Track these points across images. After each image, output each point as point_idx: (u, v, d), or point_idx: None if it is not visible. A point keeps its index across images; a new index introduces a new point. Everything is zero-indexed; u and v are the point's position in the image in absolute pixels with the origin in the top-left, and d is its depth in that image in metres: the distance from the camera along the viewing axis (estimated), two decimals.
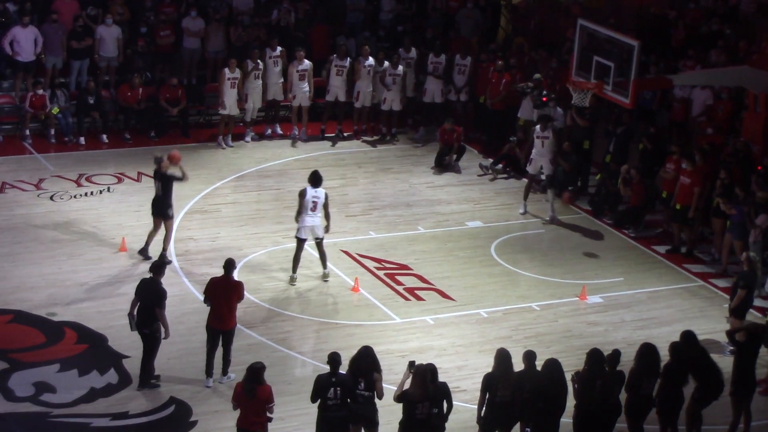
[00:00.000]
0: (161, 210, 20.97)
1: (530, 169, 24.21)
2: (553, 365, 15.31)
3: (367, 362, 14.91)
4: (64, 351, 18.01)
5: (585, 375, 15.35)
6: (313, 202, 20.20)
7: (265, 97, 27.26)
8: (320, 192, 20.25)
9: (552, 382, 15.24)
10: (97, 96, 26.77)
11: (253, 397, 14.58)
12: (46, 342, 18.26)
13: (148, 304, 16.85)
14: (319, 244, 20.55)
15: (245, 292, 18.18)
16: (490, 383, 14.99)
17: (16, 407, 16.47)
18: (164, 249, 21.10)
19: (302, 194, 20.25)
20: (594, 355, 15.41)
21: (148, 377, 17.11)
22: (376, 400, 14.95)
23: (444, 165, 26.36)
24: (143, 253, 21.11)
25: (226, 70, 26.40)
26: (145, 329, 16.90)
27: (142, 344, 17.08)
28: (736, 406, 16.74)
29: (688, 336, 16.20)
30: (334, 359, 14.93)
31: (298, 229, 20.37)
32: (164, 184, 20.90)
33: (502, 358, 15.07)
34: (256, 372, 14.60)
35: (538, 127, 24.11)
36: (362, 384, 14.86)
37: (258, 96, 27.05)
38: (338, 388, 14.79)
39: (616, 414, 15.58)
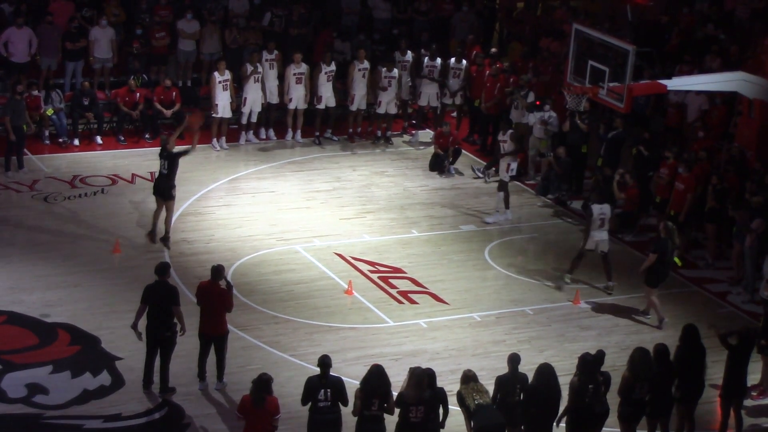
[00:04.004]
0: (164, 191, 21.20)
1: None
2: (546, 370, 15.32)
3: (379, 382, 14.76)
4: (56, 352, 17.99)
5: (577, 381, 15.36)
6: (600, 218, 20.73)
7: (262, 100, 27.24)
8: (606, 208, 20.88)
9: (545, 388, 15.25)
10: (92, 97, 26.76)
11: (262, 407, 14.57)
12: (39, 343, 18.24)
13: (163, 306, 16.73)
14: (604, 257, 21.07)
15: (238, 296, 18.24)
16: (461, 397, 15.02)
17: (9, 408, 16.45)
18: (166, 231, 21.34)
19: (590, 213, 20.87)
20: (584, 360, 15.43)
21: (167, 382, 17.07)
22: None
23: (439, 168, 26.36)
24: (152, 235, 21.38)
25: (216, 73, 26.37)
26: (166, 332, 16.79)
27: (148, 348, 16.95)
28: (725, 408, 16.77)
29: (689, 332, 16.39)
30: (324, 362, 14.94)
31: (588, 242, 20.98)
32: (170, 163, 21.06)
33: (467, 378, 15.08)
34: (265, 383, 14.60)
35: (500, 132, 24.24)
36: (376, 405, 14.76)
37: (258, 99, 27.03)
38: (328, 390, 14.81)
39: (605, 415, 15.60)
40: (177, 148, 21.22)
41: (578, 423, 15.45)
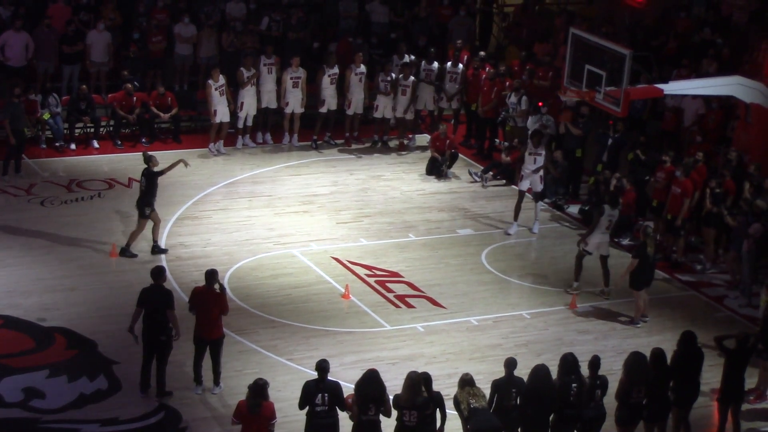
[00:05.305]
0: (139, 207, 21.24)
1: (522, 185, 23.79)
2: (541, 371, 15.34)
3: (374, 387, 14.76)
4: (53, 356, 17.98)
5: (558, 381, 15.38)
6: (609, 221, 20.82)
7: (259, 104, 27.23)
8: (616, 213, 20.90)
9: (541, 388, 15.25)
10: (89, 101, 26.74)
11: (258, 413, 14.57)
12: (35, 347, 18.23)
13: (160, 310, 16.75)
14: (604, 260, 21.07)
15: (235, 300, 18.21)
16: (457, 402, 15.04)
17: (5, 413, 16.44)
18: (127, 243, 21.36)
19: (601, 212, 20.87)
20: (565, 360, 15.46)
21: (164, 386, 17.07)
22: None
23: (436, 172, 26.35)
24: (156, 250, 21.48)
25: (211, 81, 26.27)
26: (162, 336, 16.80)
27: (144, 352, 16.98)
28: (722, 412, 16.79)
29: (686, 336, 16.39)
30: (322, 367, 14.93)
31: (588, 244, 20.91)
32: (147, 181, 21.11)
33: (464, 381, 15.06)
34: (260, 388, 14.60)
35: (530, 143, 23.85)
36: (372, 410, 14.75)
37: (253, 103, 27.02)
38: (326, 395, 14.80)
39: (601, 419, 15.62)
40: (159, 167, 21.17)
41: (564, 423, 15.45)
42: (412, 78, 27.61)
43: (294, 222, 23.48)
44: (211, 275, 17.03)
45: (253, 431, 14.65)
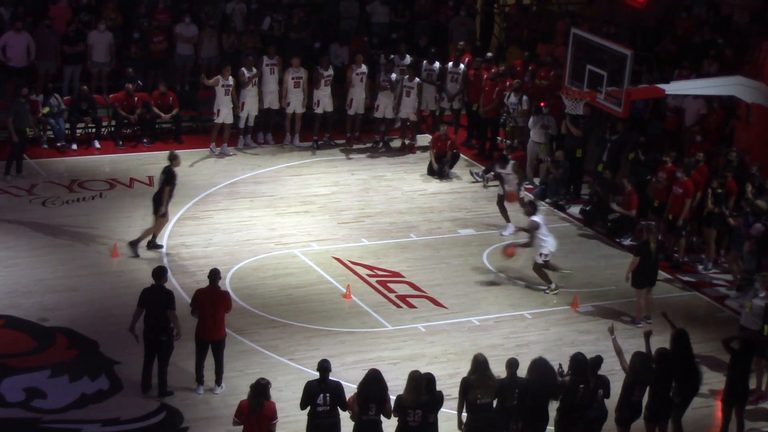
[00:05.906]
0: (154, 206, 21.29)
1: (505, 191, 23.73)
2: (539, 363, 15.37)
3: (377, 387, 14.77)
4: (55, 357, 17.98)
5: (568, 381, 15.38)
6: (546, 227, 21.09)
7: (261, 105, 27.22)
8: (539, 218, 21.17)
9: (538, 379, 15.26)
10: (90, 102, 26.75)
11: (260, 413, 14.58)
12: (37, 347, 18.24)
13: (160, 310, 16.76)
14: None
15: (236, 300, 18.17)
16: (467, 387, 15.04)
17: (7, 413, 16.45)
18: (139, 239, 21.45)
19: (536, 227, 20.97)
20: (576, 360, 15.46)
21: (165, 385, 17.08)
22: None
23: (436, 173, 26.33)
24: (151, 245, 21.58)
25: (220, 77, 26.33)
26: (162, 336, 16.82)
27: (145, 352, 16.99)
28: (726, 412, 16.79)
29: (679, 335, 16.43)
30: (324, 367, 14.94)
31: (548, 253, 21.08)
32: (164, 179, 21.17)
33: (479, 363, 15.09)
34: (262, 388, 14.60)
35: (497, 165, 24.01)
36: (373, 409, 14.78)
37: (254, 103, 27.02)
38: (327, 394, 14.81)
39: (602, 419, 15.62)
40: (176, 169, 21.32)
41: (568, 423, 15.46)
42: (417, 79, 27.59)
43: (295, 222, 23.49)
44: (215, 274, 17.05)
45: (255, 431, 14.66)
